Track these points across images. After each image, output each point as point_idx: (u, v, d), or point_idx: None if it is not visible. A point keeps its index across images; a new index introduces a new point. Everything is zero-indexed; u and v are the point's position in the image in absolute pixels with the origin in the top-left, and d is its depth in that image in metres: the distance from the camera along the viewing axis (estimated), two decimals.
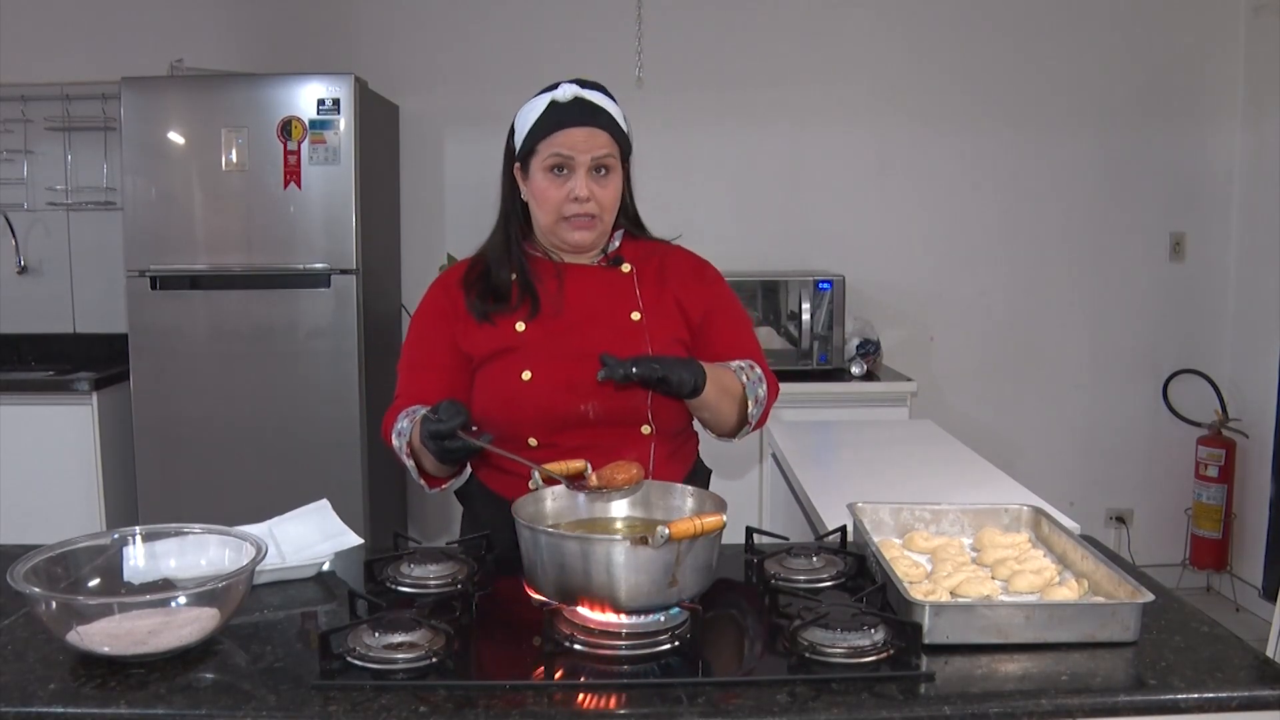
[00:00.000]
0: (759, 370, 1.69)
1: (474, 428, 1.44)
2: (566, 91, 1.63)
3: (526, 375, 1.62)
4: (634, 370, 1.44)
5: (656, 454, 1.65)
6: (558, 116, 1.62)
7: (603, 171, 1.63)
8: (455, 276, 1.73)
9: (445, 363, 1.68)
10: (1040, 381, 4.04)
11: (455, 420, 1.38)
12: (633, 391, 1.60)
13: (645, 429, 1.64)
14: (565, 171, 1.62)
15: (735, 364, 1.66)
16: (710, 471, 1.86)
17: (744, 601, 1.44)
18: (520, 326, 1.65)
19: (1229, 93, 3.94)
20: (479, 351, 1.66)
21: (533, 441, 1.63)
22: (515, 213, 1.71)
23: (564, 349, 1.63)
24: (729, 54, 3.90)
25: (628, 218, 1.75)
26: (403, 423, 1.60)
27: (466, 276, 1.72)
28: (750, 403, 1.64)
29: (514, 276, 1.69)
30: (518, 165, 1.68)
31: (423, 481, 1.63)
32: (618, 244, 1.74)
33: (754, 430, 1.72)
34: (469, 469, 1.74)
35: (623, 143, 1.66)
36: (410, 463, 1.58)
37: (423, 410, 1.53)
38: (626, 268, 1.71)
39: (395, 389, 1.71)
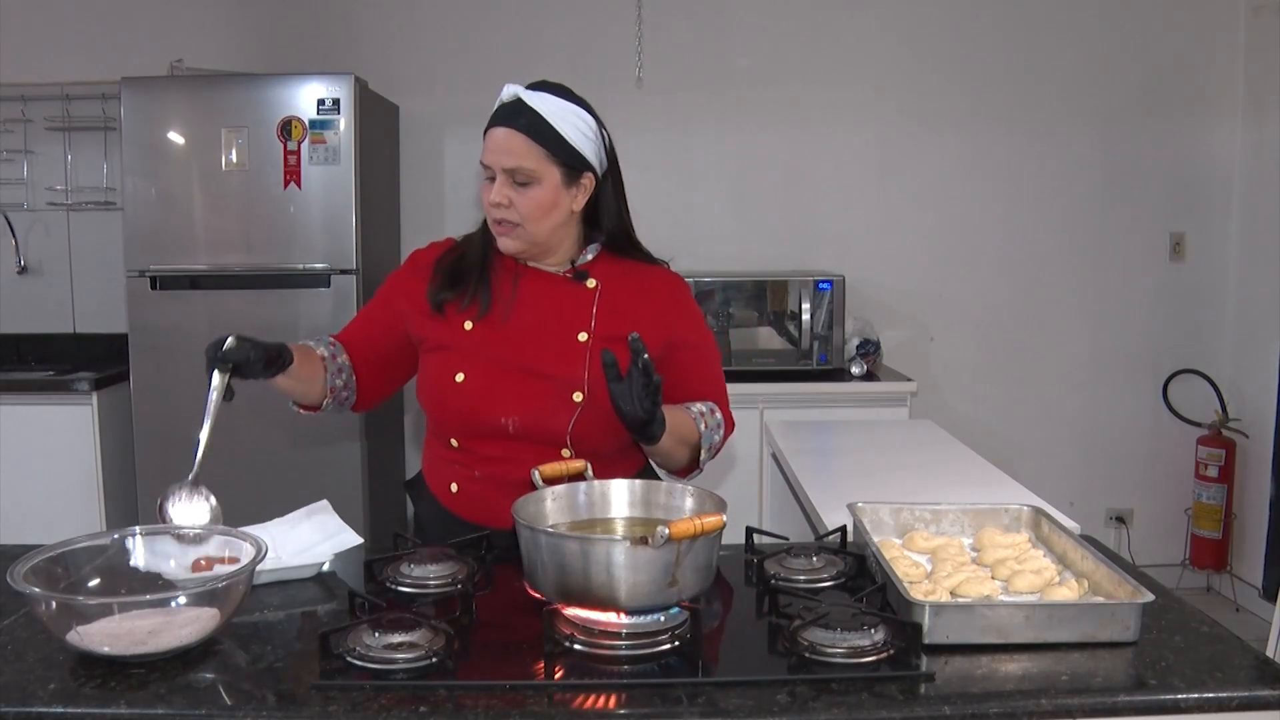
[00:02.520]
0: (719, 415, 1.66)
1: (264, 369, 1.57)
2: (507, 91, 1.58)
3: (459, 377, 1.61)
4: (619, 379, 1.40)
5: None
6: (493, 118, 1.58)
7: (521, 180, 1.55)
8: (431, 256, 1.71)
9: (371, 332, 1.72)
10: (1040, 381, 4.04)
11: (212, 349, 1.55)
12: (557, 413, 1.59)
13: (565, 452, 1.61)
14: (493, 176, 1.58)
15: (697, 409, 1.63)
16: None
17: (744, 601, 1.44)
18: (468, 325, 1.63)
19: (1229, 93, 3.93)
20: (427, 338, 1.66)
21: (454, 442, 1.64)
22: None
23: (500, 358, 1.61)
24: (729, 54, 3.90)
25: (611, 233, 1.67)
26: (307, 341, 1.67)
27: (441, 259, 1.69)
28: (703, 450, 1.63)
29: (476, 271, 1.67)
30: None
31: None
32: (590, 257, 1.67)
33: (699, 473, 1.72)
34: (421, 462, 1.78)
35: (558, 150, 1.55)
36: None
37: (326, 341, 1.68)
38: (591, 283, 1.65)
39: None
